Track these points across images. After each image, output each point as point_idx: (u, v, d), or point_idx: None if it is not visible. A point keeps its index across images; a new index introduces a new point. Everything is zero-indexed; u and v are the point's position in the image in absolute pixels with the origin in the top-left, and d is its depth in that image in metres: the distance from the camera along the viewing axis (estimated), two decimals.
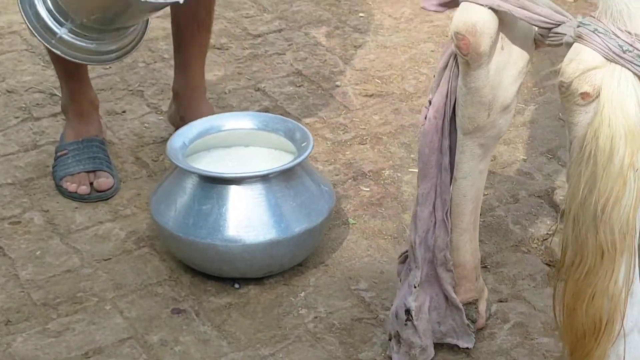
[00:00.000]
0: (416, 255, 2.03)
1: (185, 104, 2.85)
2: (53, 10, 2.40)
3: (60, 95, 3.08)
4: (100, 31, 2.45)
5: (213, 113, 2.85)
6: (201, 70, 2.87)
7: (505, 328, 2.21)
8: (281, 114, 2.96)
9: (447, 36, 3.33)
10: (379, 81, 3.19)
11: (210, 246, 2.27)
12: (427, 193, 2.00)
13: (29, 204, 2.65)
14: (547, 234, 2.52)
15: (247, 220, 2.27)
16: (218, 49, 3.38)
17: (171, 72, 2.99)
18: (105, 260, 2.45)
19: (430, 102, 1.99)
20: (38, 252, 2.47)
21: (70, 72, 2.70)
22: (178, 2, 2.25)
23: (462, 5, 1.84)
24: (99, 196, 2.65)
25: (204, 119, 2.51)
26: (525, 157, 2.80)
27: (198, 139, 2.46)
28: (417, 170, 2.65)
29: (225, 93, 3.15)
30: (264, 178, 2.30)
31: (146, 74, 3.25)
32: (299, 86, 3.17)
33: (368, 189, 2.69)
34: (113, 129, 2.95)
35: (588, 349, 1.73)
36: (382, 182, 2.72)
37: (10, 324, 2.27)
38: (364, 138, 2.90)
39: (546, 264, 2.42)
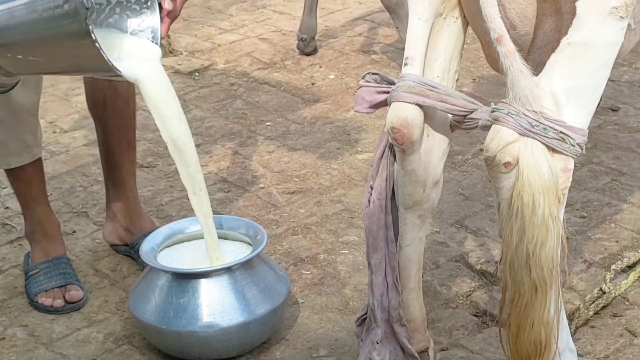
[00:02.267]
0: (376, 315, 2.42)
1: (129, 218, 3.19)
2: None
3: (11, 224, 3.40)
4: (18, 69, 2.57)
5: (152, 221, 3.21)
6: (135, 185, 3.23)
7: None
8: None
9: (348, 134, 3.80)
10: (297, 179, 3.60)
11: (192, 333, 2.61)
12: (379, 262, 2.40)
13: (8, 322, 2.94)
14: (469, 290, 2.94)
15: (220, 307, 2.63)
16: (146, 167, 3.75)
17: None
18: None
19: (372, 187, 2.40)
20: None
21: (36, 199, 3.03)
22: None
23: (393, 104, 2.26)
24: (71, 307, 2.96)
25: (166, 226, 2.86)
26: (438, 229, 3.24)
27: (164, 242, 2.81)
28: (347, 252, 3.08)
29: (163, 205, 3.51)
30: (229, 270, 2.67)
31: (86, 197, 3.59)
32: (227, 192, 3.55)
33: (309, 272, 3.07)
34: (68, 248, 3.26)
35: None
36: (319, 265, 3.11)
37: None
38: (296, 229, 3.29)
39: (474, 315, 2.84)
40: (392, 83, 2.32)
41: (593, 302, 2.78)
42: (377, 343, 2.42)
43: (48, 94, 4.29)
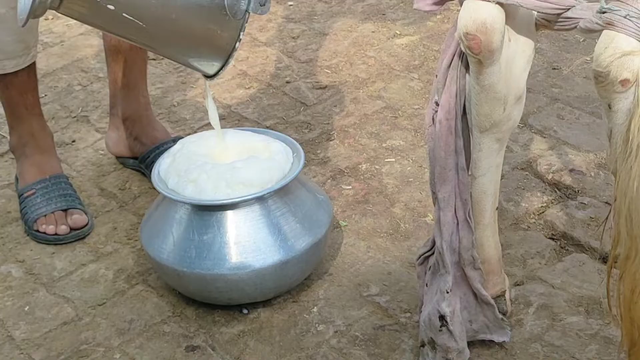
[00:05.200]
0: (445, 260, 1.98)
1: (139, 125, 2.73)
2: None
3: (1, 133, 2.95)
4: None
5: (165, 130, 2.76)
6: (146, 87, 2.76)
7: (530, 312, 2.19)
8: (238, 120, 2.88)
9: (383, 14, 3.29)
10: (328, 71, 3.12)
11: (219, 277, 2.18)
12: (448, 196, 1.95)
13: (1, 256, 2.51)
14: (542, 206, 2.49)
15: (252, 244, 2.19)
16: (153, 59, 3.26)
17: None
18: (100, 305, 2.33)
19: (437, 104, 1.93)
20: (27, 308, 2.34)
21: (31, 109, 2.57)
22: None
23: (467, 3, 1.77)
24: (76, 235, 2.53)
25: (181, 141, 2.39)
26: None
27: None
28: (393, 160, 2.63)
29: (174, 106, 3.04)
30: (261, 199, 2.21)
31: (86, 97, 3.12)
32: (248, 88, 3.08)
33: (350, 187, 2.63)
34: (68, 161, 2.82)
35: None
36: (362, 177, 2.65)
37: None
38: (331, 133, 2.83)
39: (549, 238, 2.40)
40: None
41: None
42: (447, 292, 1.98)
43: None
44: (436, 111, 1.93)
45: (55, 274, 2.44)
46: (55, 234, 2.52)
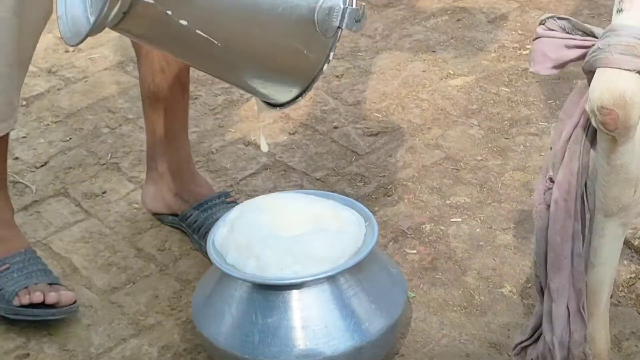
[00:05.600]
0: (555, 358, 1.73)
1: (179, 181, 2.47)
2: None
3: (23, 182, 2.72)
4: None
5: (209, 185, 2.50)
6: (187, 138, 2.50)
7: None
8: (284, 171, 2.64)
9: (433, 51, 3.04)
10: (379, 115, 2.87)
11: None
12: (562, 287, 1.71)
13: (31, 329, 2.24)
14: (631, 278, 2.26)
15: (323, 328, 1.94)
16: None
17: (142, 135, 2.61)
18: None
19: (551, 180, 1.69)
20: None
21: (2, 179, 2.29)
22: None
23: (602, 72, 1.53)
24: (65, 311, 2.23)
25: (236, 208, 2.13)
26: None
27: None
28: (460, 220, 2.39)
29: (213, 152, 2.78)
30: (332, 277, 1.97)
31: (115, 142, 2.86)
32: (293, 133, 2.82)
33: (414, 251, 2.38)
34: (99, 216, 2.56)
35: None
36: (427, 239, 2.41)
37: None
38: (388, 188, 2.58)
39: None
40: (592, 35, 1.59)
41: None
42: None
43: None
44: (550, 188, 1.69)
45: (92, 351, 2.18)
46: (43, 302, 2.20)
